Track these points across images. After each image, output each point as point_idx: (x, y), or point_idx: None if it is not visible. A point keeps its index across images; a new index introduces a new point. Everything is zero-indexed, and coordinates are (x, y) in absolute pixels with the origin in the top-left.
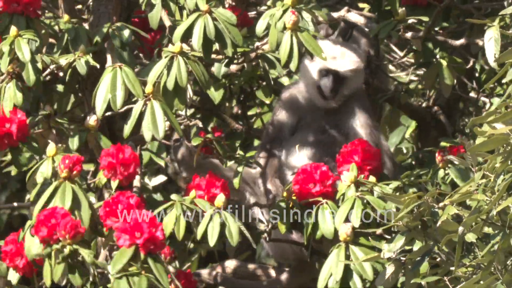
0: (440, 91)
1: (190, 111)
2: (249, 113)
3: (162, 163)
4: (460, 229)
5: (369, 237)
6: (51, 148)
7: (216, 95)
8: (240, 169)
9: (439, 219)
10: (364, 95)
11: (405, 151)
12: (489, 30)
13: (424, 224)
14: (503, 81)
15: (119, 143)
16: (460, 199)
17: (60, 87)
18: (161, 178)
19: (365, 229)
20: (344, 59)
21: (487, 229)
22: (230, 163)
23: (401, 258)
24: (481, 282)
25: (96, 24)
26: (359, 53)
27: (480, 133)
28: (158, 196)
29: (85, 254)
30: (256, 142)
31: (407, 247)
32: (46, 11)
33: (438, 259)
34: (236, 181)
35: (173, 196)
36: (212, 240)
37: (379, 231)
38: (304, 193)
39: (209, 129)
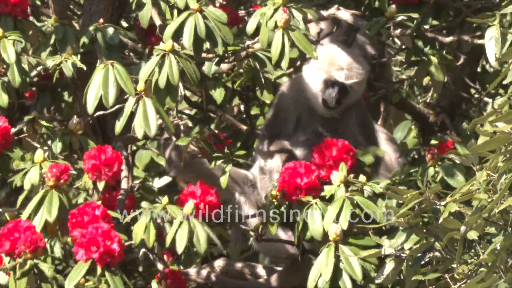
0: (443, 92)
1: (192, 111)
2: (252, 112)
3: (163, 163)
4: (462, 228)
5: (370, 233)
6: (39, 154)
7: (217, 95)
8: (227, 168)
9: (440, 216)
10: (361, 100)
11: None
12: (489, 29)
13: (425, 221)
14: (504, 82)
15: (99, 145)
16: (462, 198)
17: (66, 95)
18: (165, 180)
19: (358, 228)
20: (351, 71)
21: (489, 229)
22: (219, 162)
23: (402, 254)
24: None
25: (87, 24)
26: (363, 62)
27: (483, 133)
28: (165, 199)
29: (45, 268)
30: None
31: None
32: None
33: (436, 254)
34: (223, 181)
35: (143, 204)
36: (180, 247)
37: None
38: (291, 189)
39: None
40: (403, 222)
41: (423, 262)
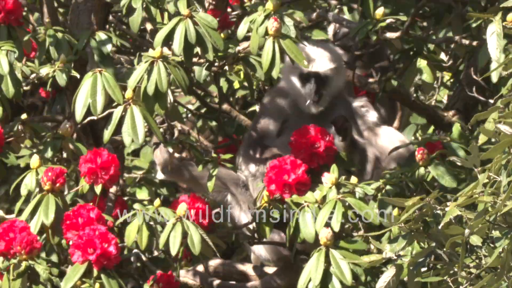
0: (457, 94)
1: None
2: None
3: None
4: (467, 231)
5: (362, 238)
6: (35, 160)
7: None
8: (214, 172)
9: (441, 220)
10: (346, 97)
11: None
12: (491, 24)
13: (426, 226)
14: (504, 73)
15: (95, 148)
16: (466, 202)
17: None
18: None
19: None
20: (322, 59)
21: (494, 232)
22: (207, 166)
23: (402, 259)
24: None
25: (76, 22)
26: (336, 50)
27: (485, 132)
28: (164, 191)
29: (40, 270)
30: None
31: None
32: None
33: (436, 259)
34: (210, 185)
35: (136, 206)
36: (174, 249)
37: (360, 233)
38: (280, 187)
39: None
40: (404, 227)
41: (425, 268)
